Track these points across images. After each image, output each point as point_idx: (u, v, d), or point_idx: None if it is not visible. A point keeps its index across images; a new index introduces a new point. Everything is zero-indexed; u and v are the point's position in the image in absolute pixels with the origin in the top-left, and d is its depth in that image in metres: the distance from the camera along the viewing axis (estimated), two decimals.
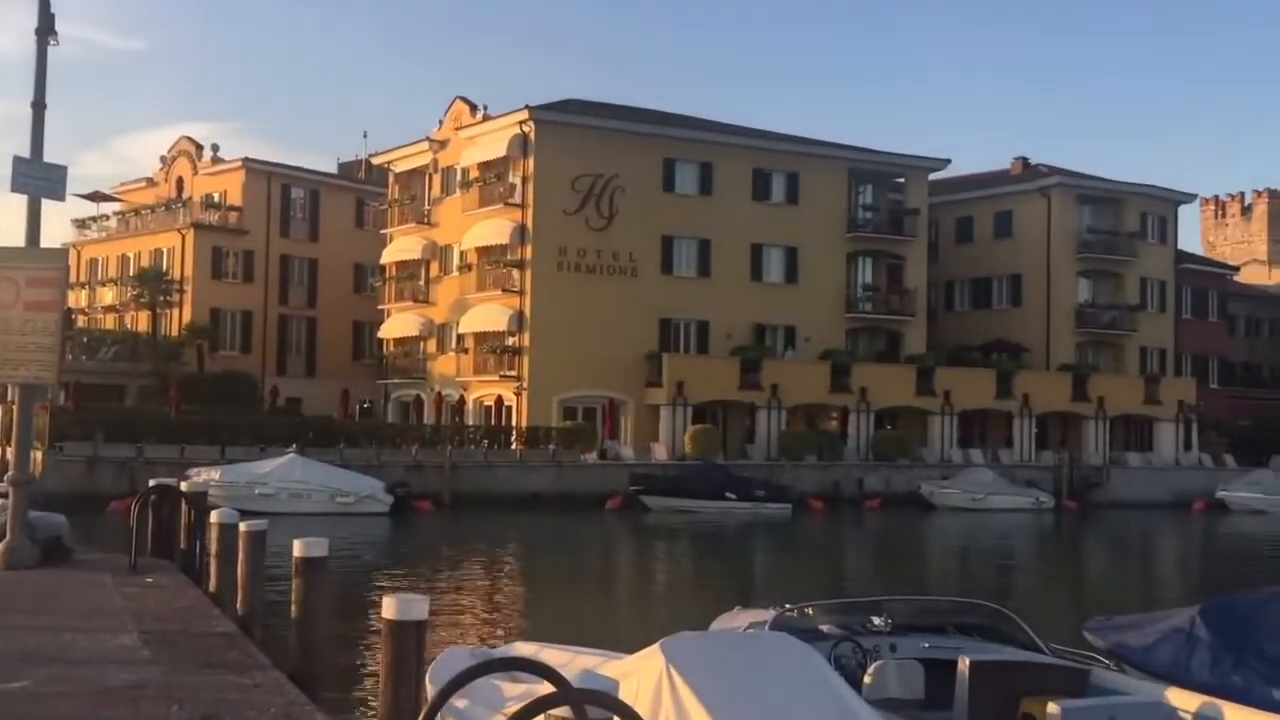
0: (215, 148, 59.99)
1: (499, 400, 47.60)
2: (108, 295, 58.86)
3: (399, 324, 53.12)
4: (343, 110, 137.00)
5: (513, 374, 46.54)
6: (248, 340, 55.99)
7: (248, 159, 57.75)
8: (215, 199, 57.61)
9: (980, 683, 7.79)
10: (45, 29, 14.02)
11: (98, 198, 63.24)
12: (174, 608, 11.52)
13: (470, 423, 46.96)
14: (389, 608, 6.63)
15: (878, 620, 9.05)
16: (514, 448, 42.80)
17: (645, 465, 43.07)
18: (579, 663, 7.37)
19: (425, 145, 52.92)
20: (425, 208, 53.29)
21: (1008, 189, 58.42)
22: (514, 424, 45.31)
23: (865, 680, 8.12)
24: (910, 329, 53.15)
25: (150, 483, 15.90)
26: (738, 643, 7.23)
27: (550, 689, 4.99)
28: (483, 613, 19.69)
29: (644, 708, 5.98)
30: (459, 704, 7.02)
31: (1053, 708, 7.26)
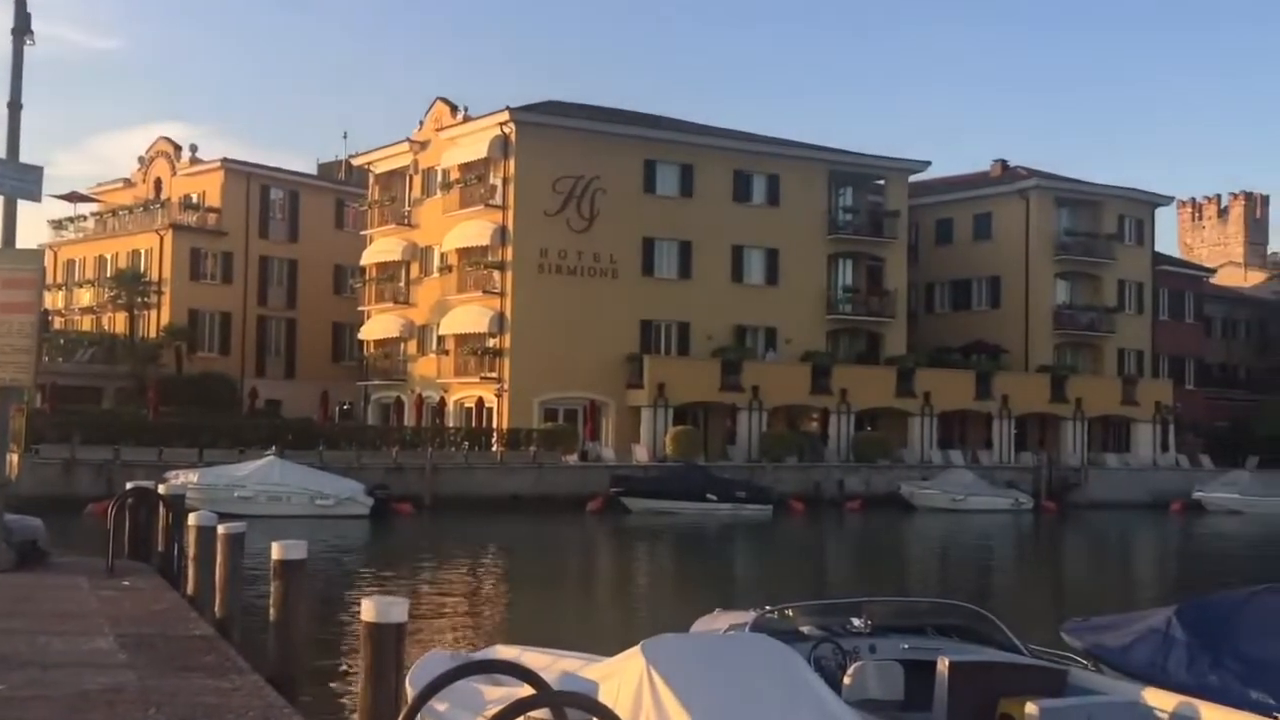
0: (194, 148, 59.72)
1: (480, 402, 47.52)
2: (85, 296, 58.45)
3: (379, 325, 52.97)
4: (322, 111, 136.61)
5: (493, 376, 46.47)
6: (226, 342, 55.72)
7: (226, 159, 57.49)
8: (194, 200, 57.30)
9: (959, 683, 7.83)
10: (21, 28, 13.93)
11: (74, 198, 62.81)
12: (151, 611, 11.45)
13: (451, 425, 46.87)
14: (368, 610, 6.61)
15: (857, 622, 9.07)
16: (495, 450, 42.74)
17: (626, 467, 43.07)
18: (560, 665, 7.37)
19: (406, 146, 52.80)
20: (405, 209, 53.16)
21: (987, 191, 58.72)
22: (495, 426, 45.25)
23: (845, 681, 8.14)
24: (890, 330, 53.33)
25: (128, 485, 15.82)
26: (718, 644, 7.24)
27: (530, 692, 4.98)
28: (463, 616, 19.64)
29: (624, 709, 5.98)
30: (439, 707, 7.00)
31: (1031, 708, 7.30)
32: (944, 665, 7.95)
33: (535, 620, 19.20)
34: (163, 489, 16.92)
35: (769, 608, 9.26)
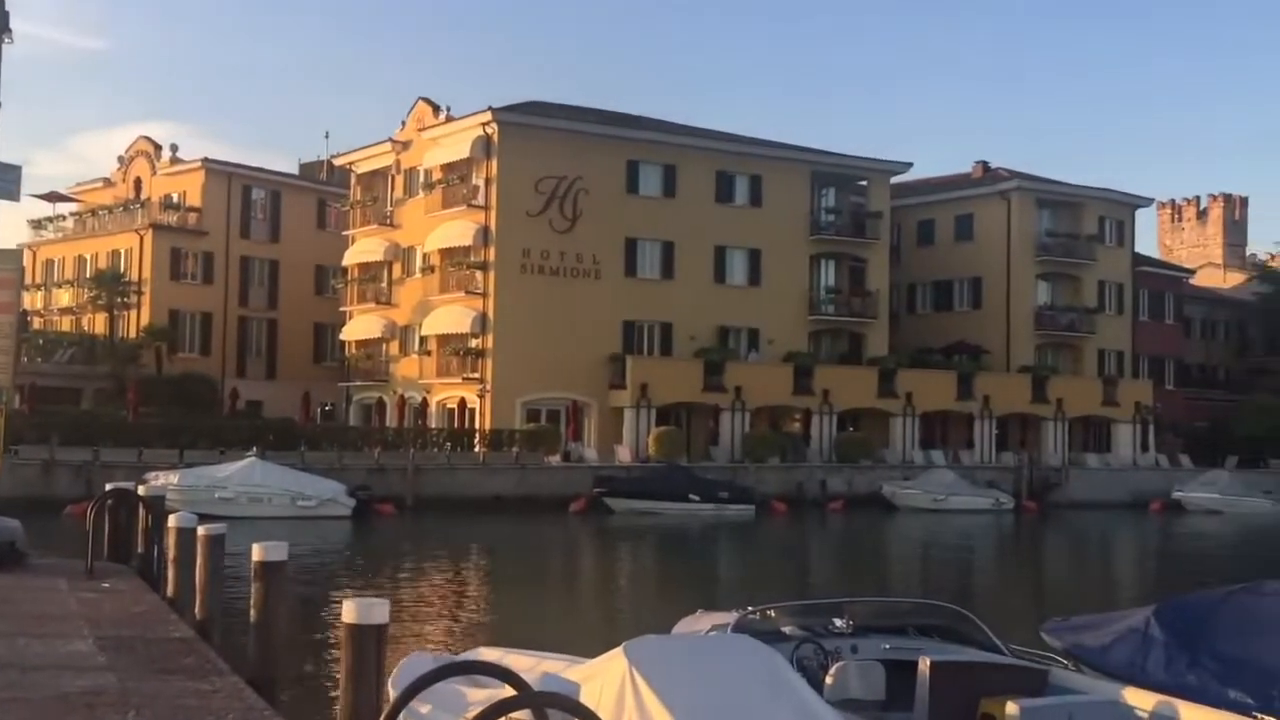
0: (174, 148, 59.41)
1: (462, 403, 47.43)
2: (64, 297, 58.10)
3: (361, 326, 52.82)
4: (304, 111, 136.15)
5: (476, 376, 46.40)
6: (207, 342, 55.46)
7: (207, 159, 57.23)
8: (174, 200, 57.02)
9: (940, 683, 7.86)
10: None
11: (54, 198, 62.43)
12: (131, 613, 11.40)
13: (433, 425, 46.76)
14: (349, 611, 6.59)
15: (839, 622, 9.09)
16: (477, 450, 42.66)
17: (609, 467, 43.06)
18: (542, 667, 7.36)
19: (388, 146, 52.67)
20: (387, 209, 53.03)
21: (968, 192, 58.95)
22: (477, 426, 45.17)
23: (827, 681, 8.16)
24: (872, 331, 53.47)
25: (107, 486, 15.75)
26: (700, 645, 7.25)
27: (512, 693, 4.98)
28: (446, 617, 19.61)
29: (607, 711, 5.98)
30: (421, 709, 6.99)
31: (1012, 707, 7.33)
32: (925, 665, 7.98)
33: (518, 621, 19.18)
34: (142, 490, 16.87)
35: (751, 608, 9.28)
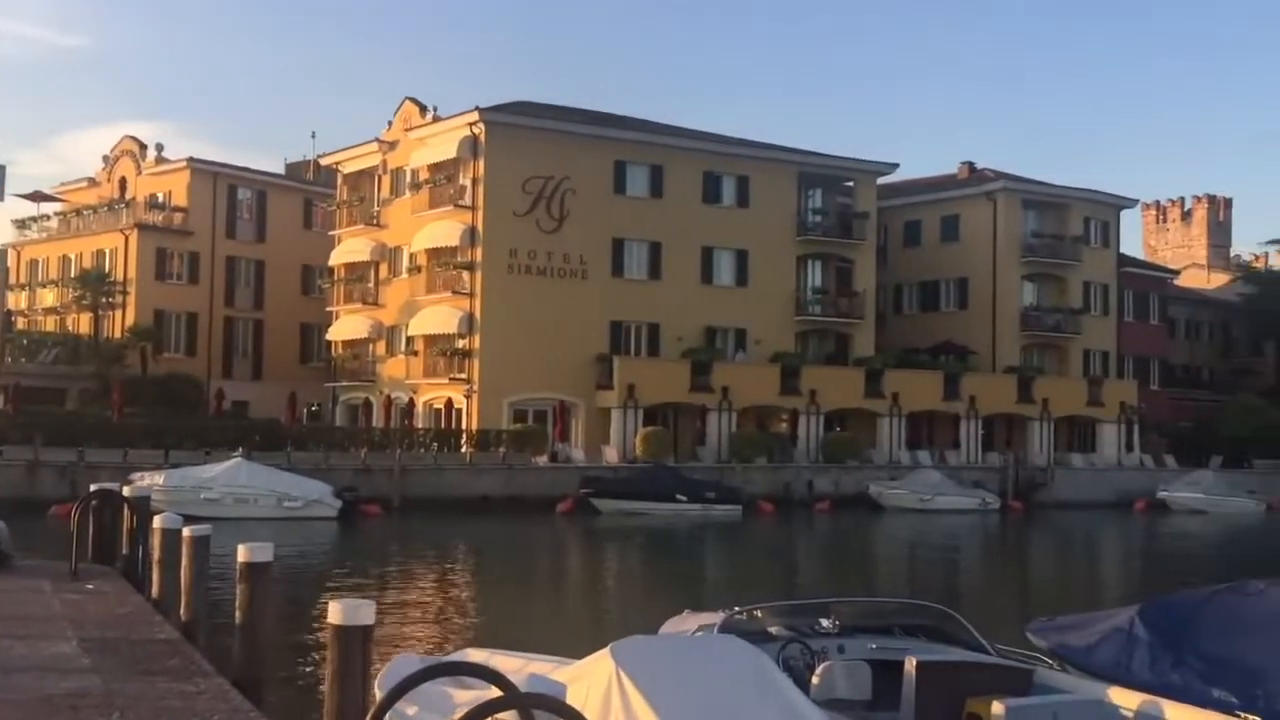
0: (160, 147, 59.20)
1: (449, 403, 47.36)
2: (48, 297, 57.84)
3: (347, 326, 52.69)
4: (291, 110, 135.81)
5: (462, 377, 46.34)
6: (192, 342, 55.26)
7: (193, 159, 57.03)
8: (159, 199, 56.81)
9: (926, 683, 7.88)
10: None
11: (38, 198, 62.13)
12: (115, 614, 11.35)
13: (420, 426, 46.70)
14: (334, 612, 6.57)
15: (826, 622, 9.11)
16: (464, 451, 42.61)
17: (596, 468, 43.05)
18: (529, 668, 7.35)
19: (374, 146, 52.56)
20: (374, 209, 52.91)
21: (954, 193, 59.11)
22: (464, 427, 45.12)
23: (813, 681, 8.17)
24: (859, 331, 53.58)
25: (92, 487, 15.67)
26: (687, 646, 7.25)
27: (498, 694, 4.98)
28: (432, 618, 19.58)
29: (593, 711, 5.98)
30: (408, 710, 6.99)
31: (997, 707, 7.36)
32: (911, 665, 8.00)
33: (504, 622, 19.16)
34: (127, 491, 16.79)
35: (738, 609, 9.29)
